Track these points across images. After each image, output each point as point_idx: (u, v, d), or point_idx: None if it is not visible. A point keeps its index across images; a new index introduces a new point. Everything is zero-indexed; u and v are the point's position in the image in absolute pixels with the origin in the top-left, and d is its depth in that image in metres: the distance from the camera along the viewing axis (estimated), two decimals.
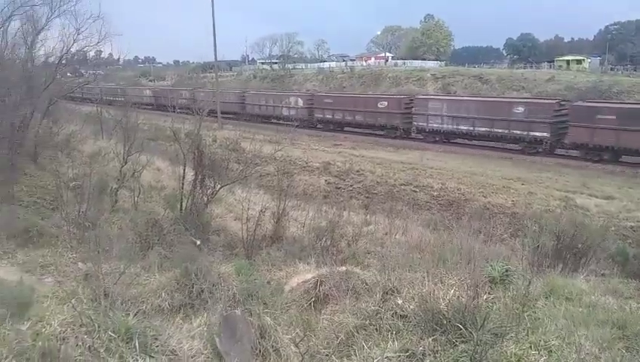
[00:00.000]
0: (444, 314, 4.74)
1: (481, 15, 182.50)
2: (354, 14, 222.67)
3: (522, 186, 26.97)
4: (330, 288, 6.73)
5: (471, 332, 4.34)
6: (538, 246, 9.43)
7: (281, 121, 51.34)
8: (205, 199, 13.88)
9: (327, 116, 49.43)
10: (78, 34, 18.82)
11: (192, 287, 6.43)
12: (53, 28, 19.52)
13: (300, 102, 53.03)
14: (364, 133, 46.15)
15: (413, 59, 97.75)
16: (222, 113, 51.27)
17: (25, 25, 19.38)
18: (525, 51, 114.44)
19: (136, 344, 4.47)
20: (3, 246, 8.69)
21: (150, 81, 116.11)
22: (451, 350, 4.39)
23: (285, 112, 53.95)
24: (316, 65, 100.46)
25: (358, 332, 5.24)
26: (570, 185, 26.60)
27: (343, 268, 7.54)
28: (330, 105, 49.60)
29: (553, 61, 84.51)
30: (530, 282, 5.27)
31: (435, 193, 27.13)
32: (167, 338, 4.80)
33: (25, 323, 4.39)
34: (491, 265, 5.96)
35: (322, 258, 9.12)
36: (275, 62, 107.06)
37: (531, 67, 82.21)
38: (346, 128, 48.65)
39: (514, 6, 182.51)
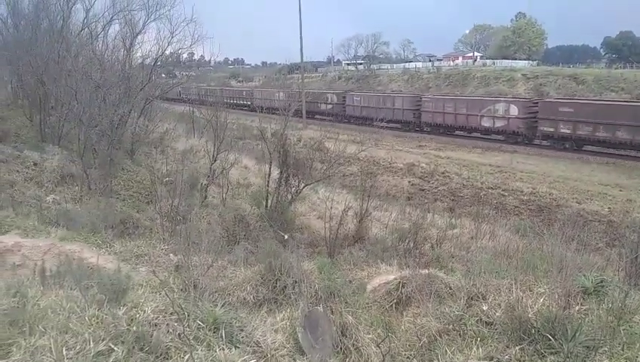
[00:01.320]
0: (532, 324, 4.54)
1: (577, 13, 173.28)
2: (441, 13, 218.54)
3: (620, 193, 25.36)
4: (412, 290, 6.63)
5: (561, 344, 4.13)
6: (637, 256, 8.82)
7: (478, 134, 43.39)
8: (289, 197, 14.14)
9: (564, 130, 36.07)
10: (172, 37, 19.85)
11: (276, 282, 6.56)
12: (149, 31, 20.68)
13: (514, 110, 40.38)
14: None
15: (503, 59, 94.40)
16: (386, 122, 41.85)
17: (124, 28, 20.64)
18: (625, 50, 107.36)
19: (223, 334, 4.62)
20: (102, 236, 9.24)
21: (239, 82, 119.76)
22: (539, 361, 4.21)
23: (487, 123, 42.21)
24: (402, 65, 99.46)
25: (440, 337, 5.13)
26: None
27: (426, 271, 7.41)
28: (568, 115, 35.86)
29: None
30: (627, 294, 4.94)
31: (525, 197, 26.08)
32: (251, 330, 4.92)
33: (121, 308, 4.63)
34: (584, 275, 5.63)
35: (405, 260, 9.03)
36: (360, 63, 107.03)
37: (632, 67, 77.02)
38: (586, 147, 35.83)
39: (612, 3, 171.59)
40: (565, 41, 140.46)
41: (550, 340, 4.28)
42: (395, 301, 6.71)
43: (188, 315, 4.69)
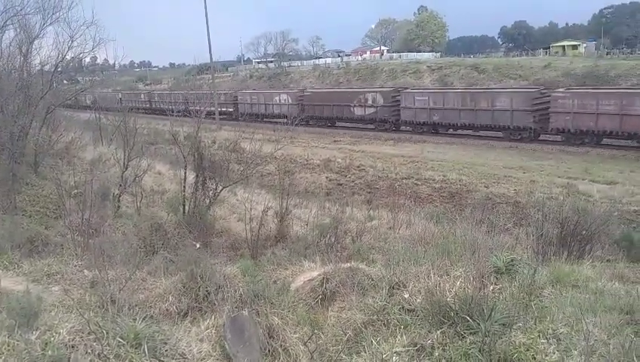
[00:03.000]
0: (451, 307, 4.73)
1: (475, 4, 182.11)
2: (347, 9, 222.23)
3: (524, 175, 26.99)
4: (336, 285, 6.72)
5: (479, 324, 4.32)
6: (542, 234, 9.42)
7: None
8: (207, 201, 13.92)
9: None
10: (73, 41, 18.80)
11: (199, 290, 6.42)
12: (47, 36, 19.51)
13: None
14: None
15: (409, 52, 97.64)
16: (410, 124, 41.66)
17: (19, 34, 19.37)
18: (520, 39, 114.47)
19: (146, 349, 4.47)
20: (8, 256, 8.67)
21: (147, 85, 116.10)
22: (460, 342, 4.38)
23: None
24: (312, 62, 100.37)
25: (366, 328, 5.23)
26: (572, 172, 26.61)
27: (349, 264, 7.53)
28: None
29: (549, 47, 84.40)
30: (535, 271, 5.26)
31: (437, 185, 27.14)
32: (175, 342, 4.80)
33: (34, 332, 4.38)
34: (496, 255, 5.94)
35: (327, 255, 9.12)
36: (271, 61, 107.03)
37: (527, 54, 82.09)
38: None
39: None
40: (465, 32, 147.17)
41: (469, 321, 4.46)
42: (320, 297, 6.77)
43: (107, 333, 4.50)
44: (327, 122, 50.28)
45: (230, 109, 61.03)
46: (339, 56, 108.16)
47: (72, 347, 4.29)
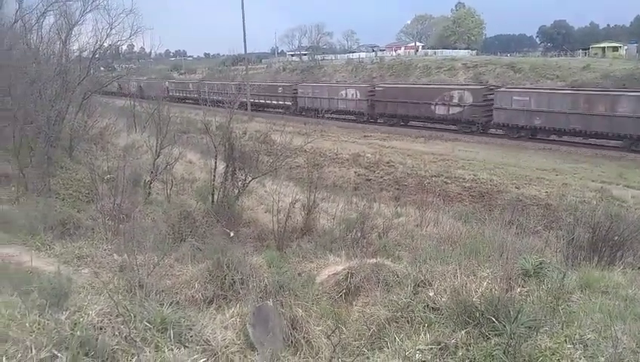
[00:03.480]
0: (476, 307, 4.69)
1: (514, 3, 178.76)
2: (383, 4, 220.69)
3: (557, 177, 26.46)
4: (361, 280, 6.73)
5: (504, 326, 4.27)
6: (573, 238, 9.24)
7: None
8: (236, 191, 14.03)
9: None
10: (111, 28, 19.16)
11: (225, 279, 6.50)
12: (86, 23, 19.89)
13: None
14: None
15: (444, 49, 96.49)
16: (505, 127, 36.73)
17: (59, 20, 19.79)
18: (559, 39, 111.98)
19: (171, 334, 4.55)
20: (41, 238, 8.91)
21: (181, 74, 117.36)
22: (484, 343, 4.35)
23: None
24: (345, 56, 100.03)
25: (389, 325, 5.23)
26: (607, 176, 25.98)
27: (374, 260, 7.53)
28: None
29: (588, 48, 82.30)
30: (564, 275, 5.17)
31: (467, 184, 26.83)
32: (201, 329, 4.87)
33: (63, 312, 4.48)
34: (524, 258, 5.86)
35: (353, 250, 9.13)
36: (305, 54, 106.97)
37: (565, 55, 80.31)
38: None
39: None
40: (503, 30, 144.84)
41: (494, 322, 4.42)
42: (344, 291, 6.79)
43: (134, 316, 4.59)
44: (400, 121, 44.70)
45: (288, 103, 56.28)
46: (373, 50, 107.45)
47: (100, 328, 4.38)
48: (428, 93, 43.43)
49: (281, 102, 57.89)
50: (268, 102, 59.82)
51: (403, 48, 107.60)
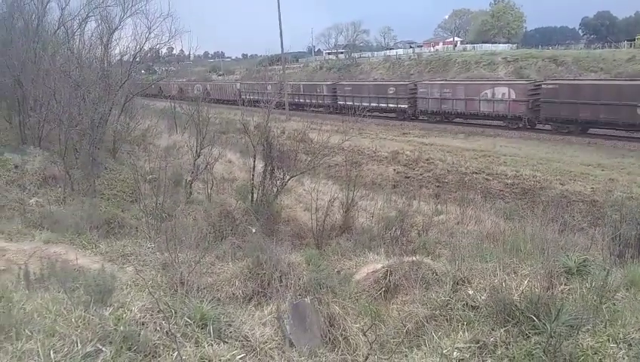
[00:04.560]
0: (516, 305, 4.60)
1: None
2: (421, 0, 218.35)
3: (602, 172, 25.65)
4: (399, 278, 6.69)
5: (545, 324, 4.18)
6: (619, 235, 8.95)
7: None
8: (275, 190, 14.13)
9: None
10: (150, 32, 19.63)
11: (264, 276, 6.58)
12: (126, 27, 20.44)
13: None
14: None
15: (483, 43, 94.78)
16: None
17: (100, 25, 20.38)
18: (603, 30, 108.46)
19: (211, 330, 4.64)
20: (87, 236, 9.19)
21: (220, 75, 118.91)
22: (524, 341, 4.27)
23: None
24: (382, 53, 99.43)
25: (428, 323, 5.19)
26: None
27: (413, 258, 7.47)
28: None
29: (634, 39, 79.33)
30: (608, 272, 5.02)
31: (509, 181, 26.29)
32: (240, 325, 4.95)
33: (107, 308, 4.63)
34: (567, 255, 5.71)
35: (392, 248, 9.09)
36: (341, 52, 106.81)
37: (610, 47, 77.71)
38: None
39: None
40: (544, 23, 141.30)
41: (534, 321, 4.34)
42: (383, 289, 6.76)
43: (175, 312, 4.70)
44: (579, 127, 34.59)
45: (403, 106, 46.17)
46: (410, 47, 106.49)
47: (143, 324, 4.50)
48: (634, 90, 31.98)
49: (392, 105, 47.45)
50: (372, 104, 47.12)
51: (441, 44, 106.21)
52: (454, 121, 43.18)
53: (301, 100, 58.18)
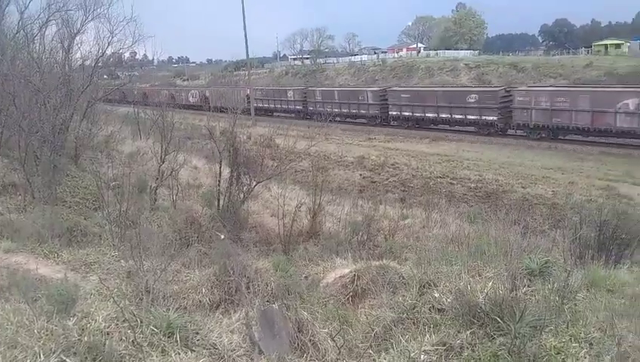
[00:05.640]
0: (481, 308, 4.68)
1: (514, 2, 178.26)
2: (384, 6, 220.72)
3: (562, 176, 26.38)
4: (367, 282, 6.74)
5: (509, 325, 4.27)
6: (579, 237, 9.22)
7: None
8: (242, 196, 14.06)
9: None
10: (113, 36, 19.30)
11: (231, 283, 6.53)
12: (88, 31, 20.04)
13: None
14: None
15: (446, 50, 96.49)
16: None
17: (61, 29, 19.93)
18: (561, 37, 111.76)
19: (178, 338, 4.58)
20: (49, 245, 8.97)
21: (184, 80, 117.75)
22: (489, 343, 4.34)
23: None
24: (347, 59, 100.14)
25: (395, 326, 5.23)
26: (613, 174, 25.86)
27: (380, 262, 7.54)
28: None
29: (591, 46, 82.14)
30: (569, 274, 5.16)
31: (473, 185, 26.80)
32: (207, 333, 4.90)
33: (71, 318, 4.54)
34: (530, 257, 5.85)
35: (359, 252, 9.15)
36: (307, 58, 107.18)
37: (568, 53, 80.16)
38: None
39: None
40: (504, 30, 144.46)
41: (499, 322, 4.42)
42: (350, 294, 6.80)
43: (141, 321, 4.63)
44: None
45: (490, 117, 37.16)
46: (375, 53, 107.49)
47: (108, 334, 4.42)
48: None
49: (473, 117, 38.38)
50: (442, 115, 40.13)
51: (405, 50, 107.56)
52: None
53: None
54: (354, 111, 47.78)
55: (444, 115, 39.89)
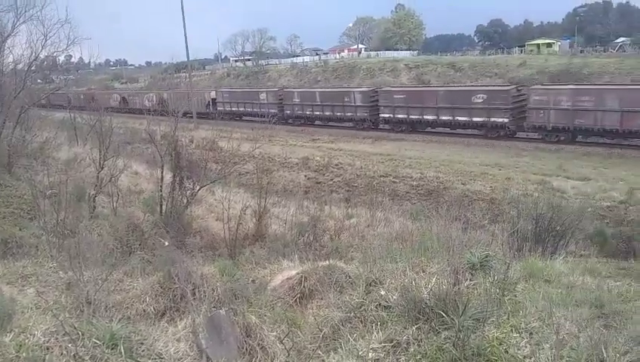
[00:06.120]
0: (426, 303, 4.79)
1: (451, 3, 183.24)
2: (325, 7, 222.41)
3: (500, 172, 27.30)
4: (314, 283, 6.76)
5: (453, 319, 4.39)
6: (517, 230, 9.58)
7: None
8: (185, 201, 13.84)
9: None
10: (46, 39, 18.50)
11: (176, 290, 6.41)
12: (20, 34, 19.16)
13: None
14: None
15: (386, 50, 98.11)
16: None
17: None
18: (496, 37, 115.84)
19: (122, 349, 4.46)
20: None
21: (123, 83, 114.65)
22: (435, 337, 4.45)
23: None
24: (289, 60, 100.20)
25: (343, 326, 5.27)
26: (547, 169, 26.98)
27: (327, 262, 7.57)
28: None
29: (524, 46, 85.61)
30: (508, 266, 5.35)
31: (415, 183, 27.33)
32: (152, 343, 4.79)
33: (7, 334, 4.35)
34: (471, 252, 6.03)
35: (305, 253, 9.18)
36: (248, 59, 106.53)
37: (503, 53, 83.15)
38: None
39: None
40: (442, 30, 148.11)
41: (443, 317, 4.53)
42: (298, 295, 6.80)
43: (82, 334, 4.48)
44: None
45: (500, 119, 34.84)
46: (317, 54, 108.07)
47: (47, 349, 4.26)
48: None
49: (478, 119, 35.75)
50: (442, 117, 37.69)
51: (346, 51, 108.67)
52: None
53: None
54: (338, 114, 44.57)
55: (445, 118, 37.66)
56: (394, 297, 5.34)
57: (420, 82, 59.93)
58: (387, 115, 41.06)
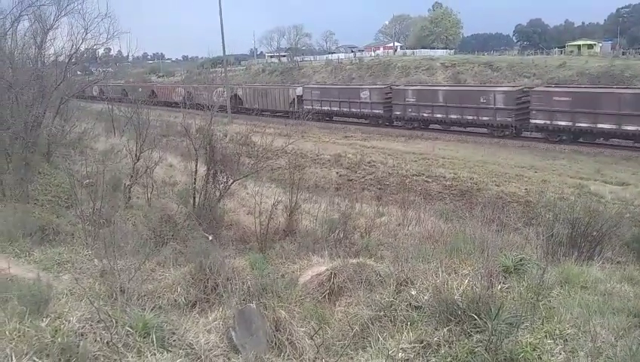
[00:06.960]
0: (458, 305, 4.73)
1: (490, 2, 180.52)
2: (362, 4, 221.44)
3: (536, 174, 26.76)
4: (344, 280, 6.74)
5: (485, 322, 4.32)
6: (552, 234, 9.36)
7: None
8: (218, 194, 13.95)
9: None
10: (87, 32, 18.90)
11: (207, 282, 6.48)
12: (61, 27, 19.61)
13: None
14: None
15: (422, 48, 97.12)
16: None
17: (33, 25, 19.49)
18: (535, 37, 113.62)
19: (154, 338, 4.52)
20: (20, 244, 8.80)
21: (160, 77, 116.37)
22: (466, 340, 4.39)
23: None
24: (324, 57, 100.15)
25: (372, 324, 5.24)
26: (584, 172, 26.32)
27: (357, 260, 7.55)
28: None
29: (564, 46, 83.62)
30: (544, 271, 5.24)
31: (448, 183, 27.01)
32: (183, 333, 4.85)
33: (44, 319, 4.44)
34: (505, 255, 5.93)
35: (335, 250, 9.14)
36: (284, 55, 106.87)
37: (542, 53, 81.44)
38: None
39: None
40: (480, 29, 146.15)
41: (475, 319, 4.47)
42: (327, 292, 6.79)
43: (116, 322, 4.56)
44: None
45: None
46: (352, 51, 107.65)
47: (82, 335, 4.34)
48: None
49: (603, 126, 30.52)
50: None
51: (382, 48, 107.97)
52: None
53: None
54: (469, 117, 37.53)
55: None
56: (425, 297, 5.29)
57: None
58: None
